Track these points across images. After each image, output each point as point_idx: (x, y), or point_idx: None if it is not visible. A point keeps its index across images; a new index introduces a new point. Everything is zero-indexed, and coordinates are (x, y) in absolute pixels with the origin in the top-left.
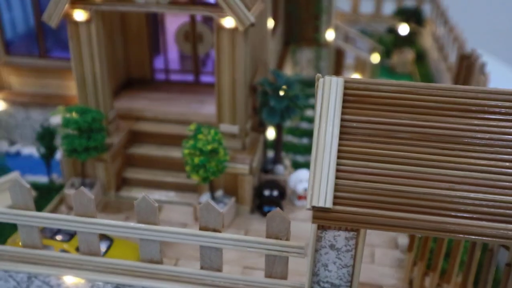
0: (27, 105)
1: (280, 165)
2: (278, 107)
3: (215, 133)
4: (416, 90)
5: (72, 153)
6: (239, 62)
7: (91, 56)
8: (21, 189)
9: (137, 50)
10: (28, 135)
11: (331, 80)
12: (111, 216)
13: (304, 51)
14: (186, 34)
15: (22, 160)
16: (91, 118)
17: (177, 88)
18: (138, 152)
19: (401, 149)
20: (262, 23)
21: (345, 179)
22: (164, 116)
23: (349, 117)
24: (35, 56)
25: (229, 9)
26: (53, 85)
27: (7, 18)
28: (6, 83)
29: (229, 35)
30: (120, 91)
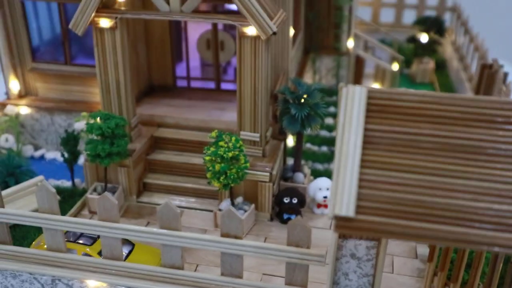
0: (52, 111)
1: (300, 173)
2: (299, 115)
3: (236, 140)
4: (439, 100)
5: (95, 158)
6: (260, 70)
7: (115, 63)
8: (48, 193)
9: (159, 57)
10: (52, 140)
11: (355, 89)
12: (132, 221)
13: (324, 60)
14: (208, 42)
15: (46, 164)
16: (115, 124)
17: (199, 95)
18: (159, 158)
19: (424, 160)
20: (283, 32)
21: (367, 189)
22: (185, 123)
23: (372, 127)
24: (60, 62)
25: (252, 18)
26: (77, 91)
27: (34, 26)
28: (32, 89)
29: (251, 44)
30: (142, 97)
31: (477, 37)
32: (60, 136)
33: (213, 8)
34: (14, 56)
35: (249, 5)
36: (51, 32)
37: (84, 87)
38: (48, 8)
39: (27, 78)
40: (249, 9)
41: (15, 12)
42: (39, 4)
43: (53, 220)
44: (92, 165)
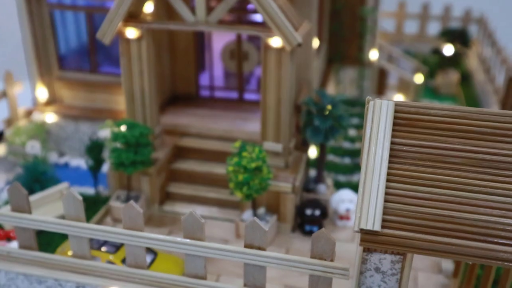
0: (77, 118)
1: (322, 185)
2: (322, 126)
3: (259, 151)
4: (468, 115)
5: (119, 166)
6: (285, 81)
7: (141, 72)
8: (74, 201)
9: (183, 66)
10: (76, 147)
11: (382, 103)
12: (154, 229)
13: (347, 70)
14: (232, 52)
15: (70, 171)
16: (139, 133)
17: (221, 105)
18: (182, 167)
19: (451, 174)
20: (308, 43)
21: (393, 203)
22: (208, 133)
23: (399, 141)
24: (86, 71)
25: (277, 29)
26: (102, 99)
27: (62, 35)
28: (58, 97)
29: (276, 55)
30: (166, 106)
31: (504, 49)
32: (84, 144)
33: (237, 18)
34: (42, 64)
35: (275, 16)
36: (78, 41)
37: (109, 95)
38: (76, 17)
39: (54, 85)
40: (275, 20)
41: (43, 22)
42: (67, 13)
43: (79, 227)
44: (116, 173)
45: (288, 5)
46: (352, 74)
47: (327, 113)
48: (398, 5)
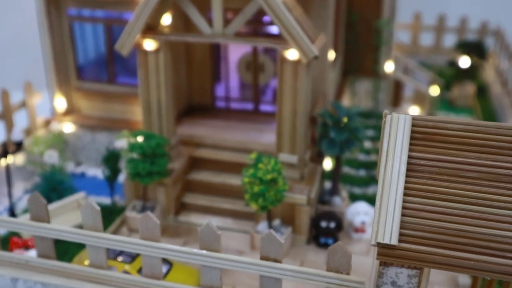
0: (94, 128)
1: (338, 197)
2: (338, 139)
3: (275, 162)
4: (485, 129)
5: (136, 176)
6: (301, 93)
7: (158, 83)
8: (92, 211)
9: (199, 78)
10: (93, 157)
11: (399, 117)
12: (169, 240)
13: (363, 82)
14: (248, 64)
15: (87, 181)
16: (155, 143)
17: (237, 116)
18: (197, 178)
19: (469, 189)
20: (323, 55)
21: (411, 217)
22: (223, 144)
23: (416, 155)
24: (104, 81)
25: (294, 41)
26: (119, 110)
27: (80, 46)
28: (75, 107)
29: (292, 67)
30: (182, 117)
31: None
32: (101, 154)
33: (253, 30)
34: (60, 75)
35: (292, 28)
36: (96, 52)
37: (126, 106)
38: (94, 29)
39: (72, 96)
40: (291, 32)
41: (63, 33)
42: (86, 25)
43: (97, 237)
44: (132, 183)
45: (304, 17)
46: (367, 86)
47: (343, 125)
48: (414, 17)
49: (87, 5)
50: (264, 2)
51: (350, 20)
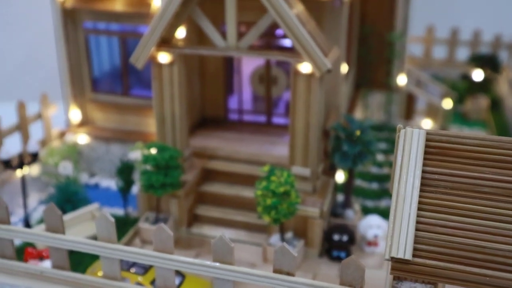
0: (108, 140)
1: (350, 210)
2: (351, 152)
3: (287, 175)
4: (500, 144)
5: (149, 188)
6: (314, 106)
7: (172, 96)
8: (107, 222)
9: (213, 90)
10: (107, 168)
11: (413, 131)
12: (182, 252)
13: (375, 95)
14: (261, 77)
15: (101, 192)
16: (169, 155)
17: (250, 128)
18: (210, 190)
19: (483, 204)
20: (336, 68)
21: (425, 232)
22: (236, 156)
23: (430, 169)
24: (118, 94)
25: (307, 55)
26: (133, 121)
27: (96, 59)
28: (90, 118)
29: (305, 80)
30: (195, 129)
31: None
32: (115, 165)
33: (266, 43)
34: (76, 87)
35: (305, 42)
36: (110, 64)
37: (140, 118)
38: (109, 42)
39: (86, 108)
40: (305, 46)
41: (79, 46)
42: (101, 38)
43: (111, 249)
44: (145, 195)
45: (317, 30)
46: (380, 99)
47: (356, 139)
48: (427, 30)
49: (102, 18)
50: (277, 16)
51: (362, 33)
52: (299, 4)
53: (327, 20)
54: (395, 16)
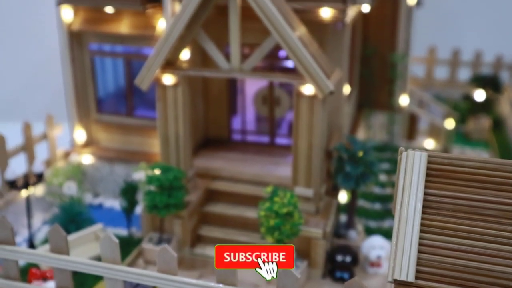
0: (112, 160)
1: (353, 230)
2: (353, 173)
3: (291, 196)
4: (501, 167)
5: (153, 209)
6: (316, 128)
7: (176, 117)
8: (111, 243)
9: (216, 111)
10: (110, 189)
11: (415, 153)
12: (185, 272)
13: (378, 115)
14: (264, 98)
15: (104, 212)
16: (173, 176)
17: (253, 149)
18: (213, 211)
19: (486, 226)
20: (338, 89)
21: (427, 254)
22: (239, 176)
23: (432, 192)
24: (123, 114)
25: (310, 77)
26: (137, 142)
27: (101, 79)
28: (94, 139)
29: (308, 102)
30: (198, 150)
31: None
32: (119, 185)
33: (269, 65)
34: (81, 108)
35: (308, 64)
36: (115, 86)
37: (144, 138)
38: (114, 63)
39: (91, 128)
40: (307, 68)
41: (84, 67)
42: (106, 59)
43: (115, 270)
44: (149, 215)
45: (320, 52)
46: (382, 119)
47: (358, 160)
48: (428, 51)
49: (108, 40)
50: (280, 38)
51: (364, 54)
52: (302, 26)
53: (330, 42)
54: (397, 38)
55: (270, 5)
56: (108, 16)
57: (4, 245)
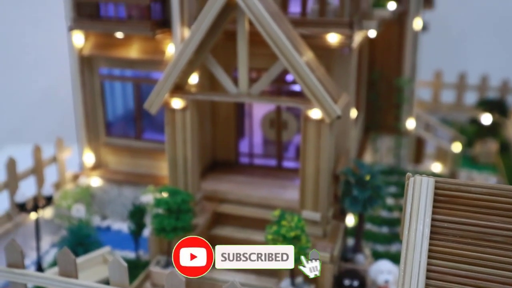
0: (121, 183)
1: (361, 254)
2: (361, 197)
3: (298, 220)
4: (509, 193)
5: (161, 232)
6: (324, 151)
7: (184, 140)
8: (119, 267)
9: (224, 134)
10: (118, 211)
11: (422, 179)
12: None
13: (385, 139)
14: (272, 121)
15: (112, 234)
16: (181, 199)
17: (260, 172)
18: (220, 234)
19: (493, 253)
20: (346, 113)
21: (435, 280)
22: (247, 199)
23: (440, 217)
24: (131, 137)
25: (317, 102)
26: (145, 165)
27: (110, 103)
28: (103, 162)
29: (315, 126)
30: (206, 173)
31: None
32: (127, 208)
33: (277, 89)
34: (90, 131)
35: (315, 89)
36: (124, 109)
37: (152, 161)
38: (123, 87)
39: (100, 151)
40: (314, 93)
41: (94, 91)
42: (116, 83)
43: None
44: (156, 238)
45: (327, 77)
46: (389, 143)
47: (366, 183)
48: (435, 75)
49: (117, 65)
50: (288, 64)
51: (371, 77)
52: (309, 51)
53: (337, 66)
54: (403, 62)
55: (278, 31)
56: (118, 41)
57: (14, 268)
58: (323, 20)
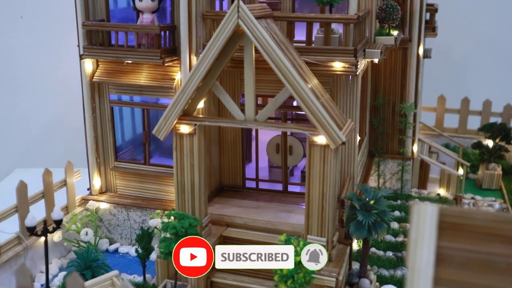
0: (129, 207)
1: (366, 279)
2: (365, 221)
3: (304, 244)
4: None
5: (168, 256)
6: (329, 176)
7: (192, 165)
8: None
9: (230, 159)
10: (126, 235)
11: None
12: None
13: (389, 163)
14: (277, 147)
15: (120, 258)
16: (188, 224)
17: (266, 196)
18: None
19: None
20: (350, 139)
21: None
22: (253, 224)
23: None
24: (140, 162)
25: (322, 128)
26: (153, 189)
27: (119, 128)
28: (112, 186)
29: (320, 152)
30: (213, 197)
31: None
32: (134, 231)
33: (283, 114)
34: (100, 156)
35: (320, 116)
36: (133, 134)
37: (159, 186)
38: (132, 112)
39: (109, 175)
40: (320, 121)
41: (104, 116)
42: (125, 109)
43: None
44: (164, 262)
45: (332, 103)
46: (393, 167)
47: (370, 209)
48: (438, 100)
49: (127, 91)
50: (294, 91)
51: (375, 103)
52: (314, 78)
53: (341, 92)
54: (407, 88)
55: (284, 59)
56: (128, 67)
57: None
58: (328, 48)
